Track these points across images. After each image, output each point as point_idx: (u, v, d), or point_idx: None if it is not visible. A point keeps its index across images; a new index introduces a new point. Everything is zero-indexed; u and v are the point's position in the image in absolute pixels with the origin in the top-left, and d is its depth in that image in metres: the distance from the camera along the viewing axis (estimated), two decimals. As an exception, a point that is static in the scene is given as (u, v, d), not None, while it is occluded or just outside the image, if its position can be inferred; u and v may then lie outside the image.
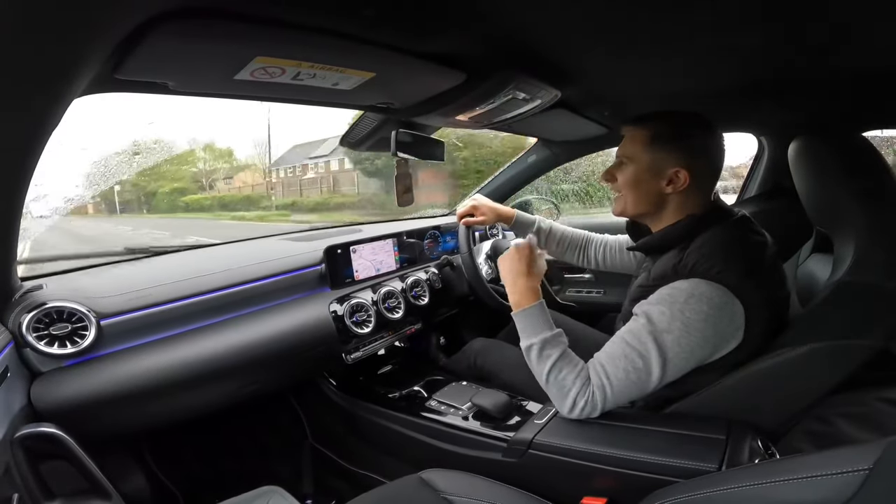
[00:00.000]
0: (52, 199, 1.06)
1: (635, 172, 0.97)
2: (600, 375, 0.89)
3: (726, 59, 0.93)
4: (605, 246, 1.43)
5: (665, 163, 0.94)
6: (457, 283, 1.65)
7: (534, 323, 0.98)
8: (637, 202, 0.99)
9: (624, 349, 0.88)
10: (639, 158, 0.97)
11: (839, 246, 0.94)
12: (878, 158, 0.92)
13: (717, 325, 0.84)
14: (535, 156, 1.90)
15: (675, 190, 0.94)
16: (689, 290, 0.85)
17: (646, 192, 0.97)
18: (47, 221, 1.06)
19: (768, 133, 1.62)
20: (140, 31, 0.53)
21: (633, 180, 0.98)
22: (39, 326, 0.89)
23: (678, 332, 0.84)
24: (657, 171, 0.95)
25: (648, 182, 0.96)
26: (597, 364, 0.91)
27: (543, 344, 0.95)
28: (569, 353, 0.95)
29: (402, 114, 1.09)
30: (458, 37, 0.77)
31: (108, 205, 21.27)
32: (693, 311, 0.83)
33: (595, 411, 0.91)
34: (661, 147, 0.94)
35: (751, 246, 0.91)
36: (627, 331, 0.90)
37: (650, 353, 0.85)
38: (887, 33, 0.77)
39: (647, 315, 0.87)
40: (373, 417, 1.31)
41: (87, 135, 1.40)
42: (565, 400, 0.92)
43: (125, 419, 0.98)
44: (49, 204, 1.06)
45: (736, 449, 0.80)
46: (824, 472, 0.46)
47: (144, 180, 21.36)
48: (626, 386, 0.88)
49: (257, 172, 22.77)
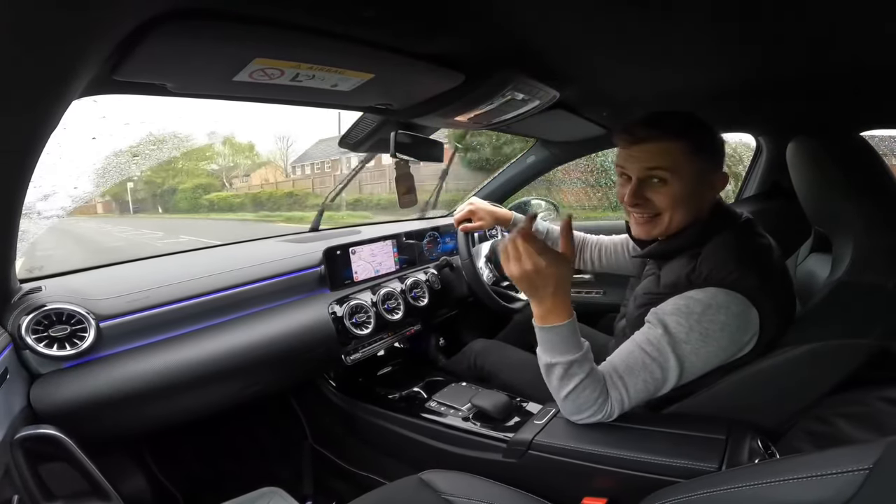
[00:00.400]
0: (58, 197, 1.05)
1: (684, 187, 0.89)
2: (619, 389, 0.87)
3: (724, 59, 0.93)
4: (601, 247, 1.42)
5: (708, 170, 0.91)
6: (456, 284, 1.65)
7: (563, 342, 0.87)
8: (686, 217, 0.92)
9: (643, 360, 0.86)
10: (684, 171, 0.89)
11: (838, 246, 0.94)
12: (875, 158, 0.92)
13: (734, 334, 0.84)
14: (534, 156, 1.90)
15: (714, 197, 0.93)
16: (706, 301, 0.84)
17: (694, 204, 0.91)
18: (48, 222, 1.05)
19: (766, 133, 1.62)
20: (139, 33, 0.53)
21: (684, 195, 0.90)
22: (39, 328, 0.89)
23: (696, 343, 0.83)
24: (703, 179, 0.91)
25: (698, 194, 0.91)
26: (614, 376, 0.87)
27: (570, 365, 0.86)
28: (594, 372, 0.87)
29: (401, 115, 1.09)
30: (457, 38, 0.77)
31: (121, 204, 20.19)
32: (711, 321, 0.83)
33: (608, 420, 0.89)
34: (705, 155, 0.90)
35: (760, 251, 0.91)
36: (645, 340, 0.87)
37: (668, 363, 0.84)
38: (885, 33, 0.78)
39: (665, 325, 0.85)
40: (372, 418, 1.31)
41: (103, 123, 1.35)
42: (581, 413, 0.89)
43: (125, 421, 0.98)
44: (56, 203, 1.05)
45: (736, 449, 0.80)
46: (824, 471, 0.46)
47: (160, 177, 20.05)
48: (643, 396, 0.87)
49: (278, 169, 21.51)
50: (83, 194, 1.27)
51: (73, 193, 1.21)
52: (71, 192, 1.20)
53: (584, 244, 1.45)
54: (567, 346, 0.87)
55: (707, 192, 0.92)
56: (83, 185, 1.25)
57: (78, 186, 1.22)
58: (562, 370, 0.87)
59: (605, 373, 0.88)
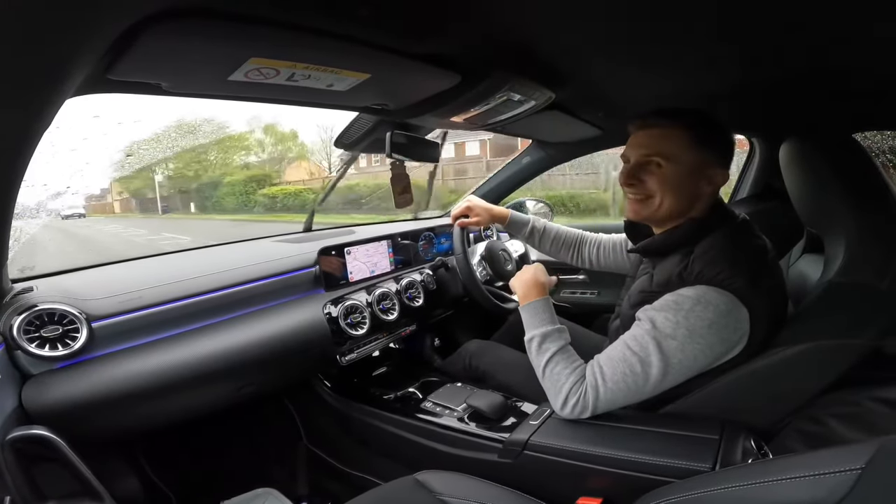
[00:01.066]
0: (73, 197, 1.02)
1: (678, 173, 0.91)
2: (596, 375, 0.90)
3: (718, 61, 0.93)
4: (600, 245, 1.43)
5: (708, 164, 0.91)
6: (451, 285, 1.64)
7: (538, 315, 1.02)
8: (676, 204, 0.93)
9: (624, 353, 0.88)
10: (682, 158, 0.91)
11: (830, 246, 0.95)
12: (867, 160, 0.93)
13: (722, 333, 0.84)
14: (530, 157, 1.91)
15: (711, 192, 0.93)
16: (695, 297, 0.84)
17: (687, 193, 0.92)
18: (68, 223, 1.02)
19: (760, 135, 1.63)
20: (133, 32, 0.53)
21: (676, 182, 0.92)
22: (30, 329, 0.88)
23: (682, 339, 0.84)
24: (701, 171, 0.91)
25: (692, 184, 0.92)
26: (595, 364, 0.91)
27: (544, 337, 0.98)
28: (567, 349, 0.97)
29: (397, 115, 1.09)
30: (453, 38, 0.77)
31: (143, 203, 17.01)
32: (698, 317, 0.83)
33: (586, 411, 0.91)
34: (708, 146, 0.91)
35: (754, 251, 0.91)
36: (630, 336, 0.89)
37: (651, 357, 0.85)
38: (879, 35, 0.78)
39: (652, 320, 0.87)
40: (367, 419, 1.31)
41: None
42: (558, 395, 0.93)
43: (117, 421, 0.97)
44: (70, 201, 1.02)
45: (729, 449, 0.80)
46: (817, 471, 0.46)
47: (193, 169, 16.66)
48: (622, 389, 0.88)
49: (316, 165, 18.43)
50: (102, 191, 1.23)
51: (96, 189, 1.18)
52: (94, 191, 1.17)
53: (582, 241, 1.45)
54: (542, 318, 1.02)
55: (704, 186, 0.93)
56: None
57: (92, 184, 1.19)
58: (538, 342, 0.99)
59: (589, 363, 0.93)
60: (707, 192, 0.93)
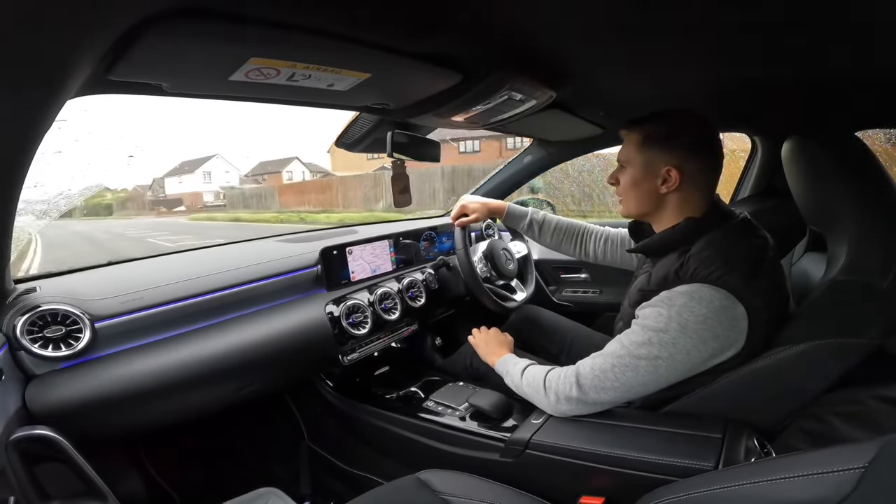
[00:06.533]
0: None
1: (632, 174, 0.99)
2: (584, 362, 0.94)
3: (720, 59, 0.93)
4: (607, 239, 1.40)
5: (656, 163, 0.95)
6: (453, 284, 1.64)
7: (512, 360, 1.12)
8: (637, 203, 1.01)
9: (615, 347, 0.91)
10: (633, 160, 0.99)
11: (833, 245, 0.94)
12: (870, 158, 0.92)
13: (716, 329, 0.84)
14: (531, 156, 1.90)
15: (670, 189, 0.94)
16: (688, 293, 0.85)
17: (644, 192, 0.98)
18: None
19: (762, 133, 1.63)
20: (134, 32, 0.53)
21: (631, 182, 1.00)
22: (34, 329, 0.89)
23: (674, 333, 0.84)
24: (651, 171, 0.96)
25: (645, 183, 0.97)
26: (586, 358, 0.96)
27: (515, 362, 1.10)
28: (543, 363, 1.06)
29: (398, 115, 1.09)
30: (454, 38, 0.77)
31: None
32: (691, 312, 0.83)
33: (572, 394, 0.93)
34: (651, 147, 0.96)
35: (752, 249, 0.91)
36: (624, 333, 0.92)
37: (640, 350, 0.86)
38: (880, 34, 0.78)
39: (645, 315, 0.88)
40: (370, 418, 1.31)
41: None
42: (538, 391, 0.98)
43: (121, 421, 0.97)
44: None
45: (732, 448, 0.80)
46: (820, 470, 0.46)
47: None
48: (610, 378, 0.89)
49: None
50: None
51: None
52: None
53: (587, 234, 1.43)
54: (515, 362, 1.11)
55: (656, 182, 0.96)
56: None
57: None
58: (511, 366, 1.10)
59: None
60: (669, 191, 0.95)
